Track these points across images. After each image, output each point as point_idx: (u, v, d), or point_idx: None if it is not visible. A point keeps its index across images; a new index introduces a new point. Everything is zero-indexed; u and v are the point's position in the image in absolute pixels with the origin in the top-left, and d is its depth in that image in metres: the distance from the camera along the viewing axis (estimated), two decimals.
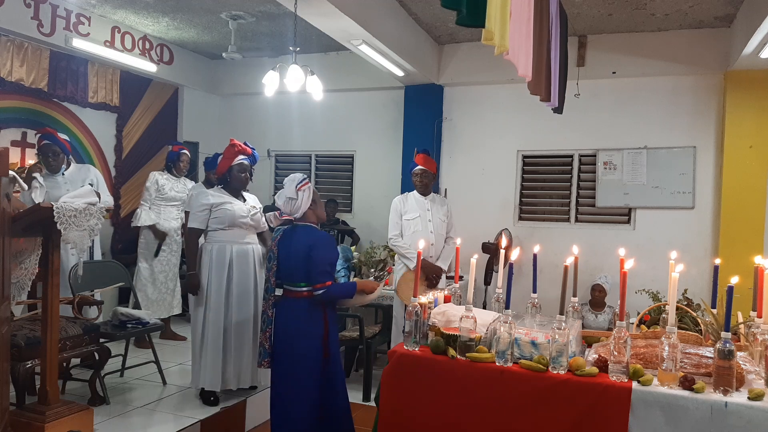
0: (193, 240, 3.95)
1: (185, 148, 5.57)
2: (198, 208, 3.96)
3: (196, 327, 3.93)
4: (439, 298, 2.96)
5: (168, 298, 5.36)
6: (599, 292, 5.48)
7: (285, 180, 3.29)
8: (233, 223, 3.94)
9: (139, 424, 3.59)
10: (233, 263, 3.93)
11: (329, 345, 3.18)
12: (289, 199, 3.20)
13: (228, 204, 3.94)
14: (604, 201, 6.00)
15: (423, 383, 2.52)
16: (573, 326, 2.55)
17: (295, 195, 3.19)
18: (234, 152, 3.99)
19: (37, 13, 5.19)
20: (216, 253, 3.91)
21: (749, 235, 5.37)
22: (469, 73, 6.35)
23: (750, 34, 4.54)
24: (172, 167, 5.43)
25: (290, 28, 4.61)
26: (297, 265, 3.11)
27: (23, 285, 2.98)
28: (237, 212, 3.95)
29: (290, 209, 3.21)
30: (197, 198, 4.09)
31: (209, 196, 3.98)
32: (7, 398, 2.77)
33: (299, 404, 3.12)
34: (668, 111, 5.79)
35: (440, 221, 4.87)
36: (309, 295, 3.13)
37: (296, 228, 3.23)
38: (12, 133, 5.28)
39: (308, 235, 3.17)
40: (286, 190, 3.22)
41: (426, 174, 4.89)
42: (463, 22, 2.45)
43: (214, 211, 3.92)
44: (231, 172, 4.00)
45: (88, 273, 3.96)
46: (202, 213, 3.93)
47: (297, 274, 3.13)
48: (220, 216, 3.92)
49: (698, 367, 2.26)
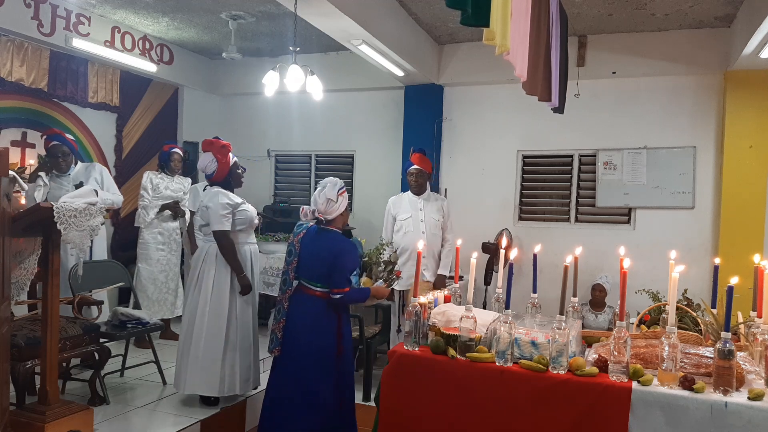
0: (228, 242, 3.79)
1: (176, 147, 5.55)
2: (222, 209, 3.78)
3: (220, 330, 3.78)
4: (439, 298, 2.97)
5: (170, 298, 5.35)
6: (600, 292, 5.48)
7: (326, 181, 3.38)
8: (251, 224, 3.93)
9: (139, 424, 3.59)
10: (253, 264, 3.96)
11: (342, 342, 3.29)
12: (329, 201, 3.30)
13: (244, 205, 3.92)
14: (604, 201, 6.00)
15: (423, 383, 2.52)
16: (573, 326, 2.55)
17: (336, 199, 3.31)
18: (227, 152, 3.93)
19: (37, 13, 5.18)
20: (240, 255, 3.86)
21: (749, 235, 5.37)
22: (470, 73, 6.34)
23: (750, 34, 4.54)
24: (165, 167, 5.42)
25: (290, 28, 4.61)
26: (320, 267, 3.23)
27: (23, 285, 2.97)
28: (252, 213, 3.95)
29: (325, 210, 3.31)
30: (217, 198, 3.81)
31: (230, 197, 3.86)
32: (7, 398, 2.77)
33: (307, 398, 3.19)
34: (668, 111, 5.79)
35: (434, 221, 4.86)
36: (324, 296, 3.24)
37: (323, 231, 3.34)
38: (12, 133, 5.28)
39: (336, 241, 3.30)
40: (328, 191, 3.31)
41: (421, 173, 4.88)
42: (468, 21, 2.45)
43: (237, 212, 3.85)
44: (232, 173, 3.95)
45: (88, 273, 3.95)
46: (228, 214, 3.79)
47: (317, 275, 3.25)
48: (242, 217, 3.87)
49: (698, 367, 2.26)
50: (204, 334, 3.77)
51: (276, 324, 3.31)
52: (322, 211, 3.31)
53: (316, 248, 3.28)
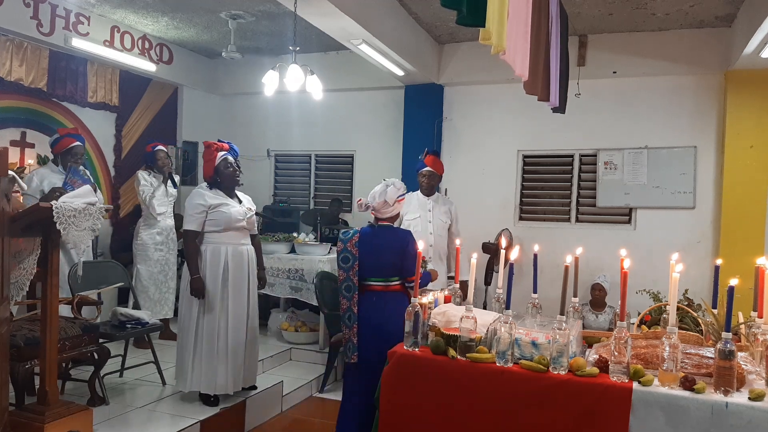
0: (191, 242, 3.84)
1: (159, 144, 5.40)
2: (193, 209, 3.83)
3: (189, 329, 3.85)
4: (439, 299, 2.96)
5: (170, 297, 5.34)
6: (599, 292, 5.48)
7: (391, 182, 3.47)
8: (229, 225, 3.88)
9: (139, 425, 3.59)
10: (228, 265, 3.88)
11: None
12: (385, 203, 3.39)
13: (225, 206, 3.89)
14: (604, 201, 5.99)
15: (423, 384, 2.51)
16: (573, 326, 2.54)
17: (392, 204, 3.41)
18: (212, 152, 3.93)
19: (36, 13, 5.18)
20: (210, 254, 3.85)
21: (750, 235, 5.37)
22: (470, 72, 6.34)
23: (751, 33, 4.53)
24: (152, 167, 5.30)
25: (290, 28, 4.61)
26: (391, 261, 3.33)
27: (22, 285, 2.96)
28: (234, 214, 3.90)
29: (379, 209, 3.41)
30: (192, 198, 3.89)
31: (206, 197, 3.87)
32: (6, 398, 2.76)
33: None
34: (669, 111, 5.79)
35: (442, 222, 4.87)
36: (401, 288, 3.37)
37: (381, 228, 3.44)
38: (11, 133, 5.27)
39: (398, 232, 3.46)
40: (389, 195, 3.40)
41: (433, 175, 4.90)
42: (464, 21, 2.45)
43: (211, 212, 3.85)
44: (218, 171, 3.93)
45: (87, 273, 3.95)
46: (198, 215, 3.83)
47: (390, 269, 3.34)
48: (217, 218, 3.85)
49: (699, 368, 2.25)
50: (196, 333, 3.80)
51: (349, 330, 3.30)
52: (376, 208, 3.41)
53: (382, 245, 3.35)
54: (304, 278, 5.34)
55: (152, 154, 5.31)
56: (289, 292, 5.42)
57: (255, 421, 4.04)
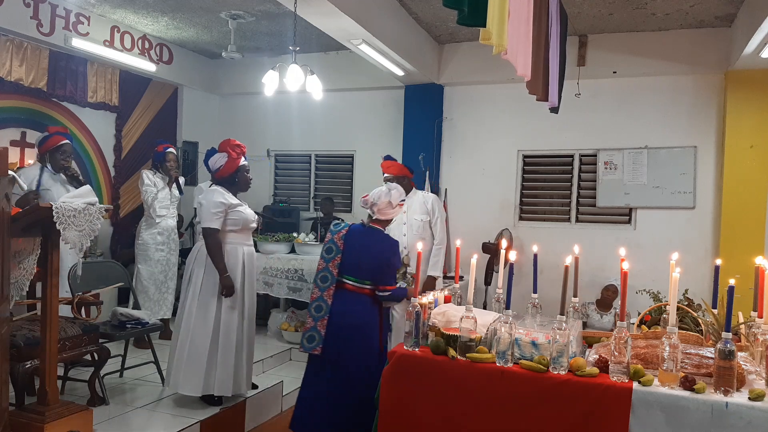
0: (215, 240, 3.75)
1: (171, 146, 5.40)
2: (215, 207, 3.74)
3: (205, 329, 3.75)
4: (439, 299, 2.96)
5: (170, 297, 5.34)
6: (612, 293, 5.43)
7: (393, 186, 3.49)
8: (245, 225, 3.90)
9: (139, 425, 3.58)
10: (245, 265, 3.90)
11: (383, 339, 3.42)
12: (389, 203, 3.42)
13: (241, 206, 3.89)
14: (604, 201, 5.99)
15: (423, 384, 2.51)
16: (573, 327, 2.54)
17: (394, 206, 3.44)
18: (240, 152, 3.92)
19: (36, 13, 5.18)
20: (229, 254, 3.82)
21: (750, 235, 5.37)
22: (470, 72, 6.34)
23: (751, 33, 4.53)
24: (159, 167, 5.29)
25: (290, 28, 4.61)
26: (370, 265, 3.34)
27: (22, 285, 2.96)
28: (249, 216, 3.92)
29: (379, 208, 3.43)
30: (213, 197, 3.78)
31: (226, 196, 3.82)
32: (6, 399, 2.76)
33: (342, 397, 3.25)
34: (669, 111, 5.79)
35: (418, 222, 4.85)
36: (370, 293, 3.36)
37: (371, 229, 3.44)
38: (11, 132, 5.27)
39: (386, 240, 3.45)
40: (394, 197, 3.43)
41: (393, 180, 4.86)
42: (465, 21, 2.45)
43: (231, 212, 3.82)
44: (239, 173, 3.91)
45: (87, 273, 3.94)
46: (220, 213, 3.76)
47: (367, 272, 3.35)
48: (236, 218, 3.83)
49: (699, 368, 2.25)
50: (191, 333, 3.76)
51: (319, 321, 3.28)
52: (379, 207, 3.42)
53: (366, 246, 3.36)
54: (303, 278, 5.34)
55: (162, 155, 5.29)
56: (289, 293, 5.42)
57: (255, 421, 4.04)
